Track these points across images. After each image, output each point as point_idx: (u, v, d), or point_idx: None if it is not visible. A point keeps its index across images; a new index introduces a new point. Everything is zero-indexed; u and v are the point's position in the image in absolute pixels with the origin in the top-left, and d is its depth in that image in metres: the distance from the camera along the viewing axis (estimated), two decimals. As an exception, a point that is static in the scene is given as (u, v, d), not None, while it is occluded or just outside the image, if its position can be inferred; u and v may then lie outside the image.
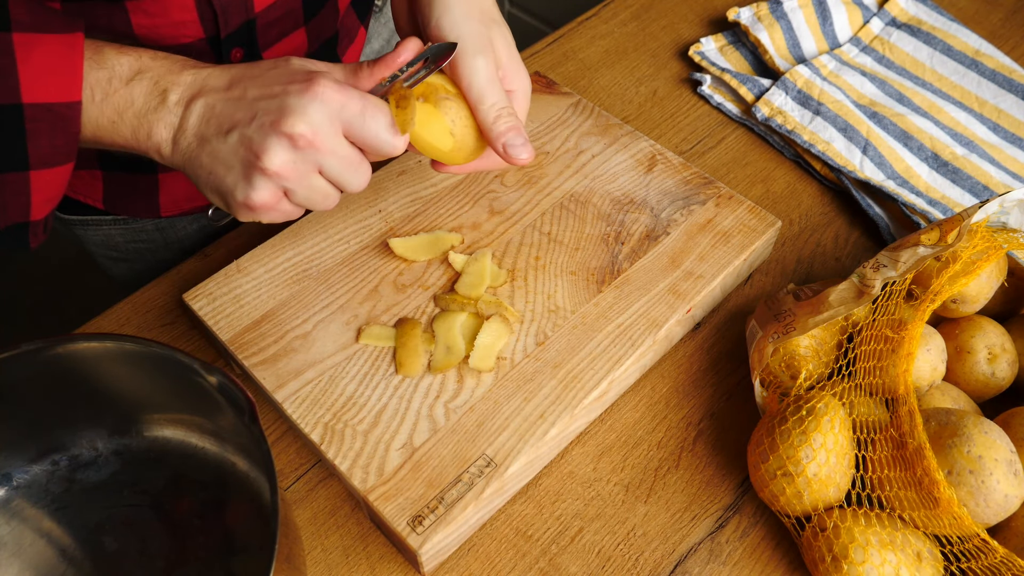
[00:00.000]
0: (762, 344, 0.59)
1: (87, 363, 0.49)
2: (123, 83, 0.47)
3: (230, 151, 0.47)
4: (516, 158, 0.53)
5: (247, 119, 0.46)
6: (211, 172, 0.48)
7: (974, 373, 0.60)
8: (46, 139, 0.46)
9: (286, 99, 0.46)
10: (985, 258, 0.57)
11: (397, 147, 0.49)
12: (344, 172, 0.48)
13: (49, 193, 0.49)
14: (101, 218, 0.73)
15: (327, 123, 0.46)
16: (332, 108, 0.46)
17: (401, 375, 0.58)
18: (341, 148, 0.48)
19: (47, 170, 0.47)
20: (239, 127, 0.47)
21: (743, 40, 0.88)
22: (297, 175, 0.47)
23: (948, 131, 0.81)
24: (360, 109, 0.47)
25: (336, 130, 0.47)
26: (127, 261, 0.79)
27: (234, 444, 0.52)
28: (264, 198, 0.48)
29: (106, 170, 0.67)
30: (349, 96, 0.47)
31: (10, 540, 0.51)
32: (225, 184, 0.48)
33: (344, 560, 0.55)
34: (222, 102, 0.47)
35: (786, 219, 0.75)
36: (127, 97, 0.47)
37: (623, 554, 0.56)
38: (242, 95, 0.47)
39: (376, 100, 0.48)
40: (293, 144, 0.46)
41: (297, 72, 0.48)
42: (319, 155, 0.47)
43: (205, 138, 0.48)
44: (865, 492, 0.53)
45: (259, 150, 0.46)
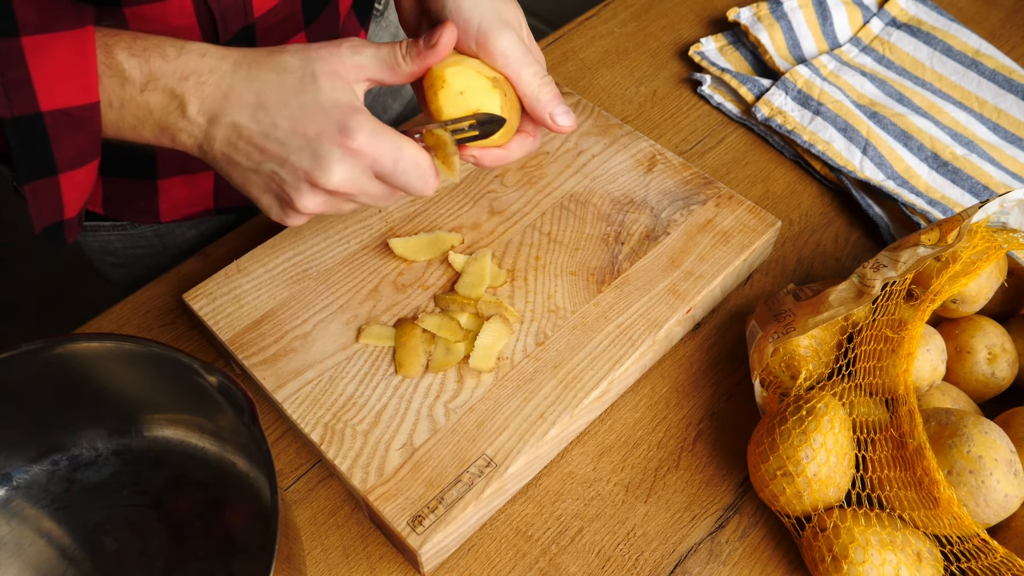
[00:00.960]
0: (762, 344, 0.59)
1: (87, 363, 0.49)
2: (137, 91, 0.47)
3: (263, 181, 0.49)
4: (563, 126, 0.53)
5: (279, 158, 0.47)
6: (244, 187, 0.50)
7: (974, 373, 0.60)
8: (69, 142, 0.46)
9: (319, 148, 0.46)
10: (985, 258, 0.57)
11: (427, 194, 0.50)
12: (375, 203, 0.51)
13: (79, 191, 0.49)
14: (100, 223, 0.73)
15: (360, 175, 0.47)
16: (365, 162, 0.47)
17: (401, 375, 0.58)
18: (374, 190, 0.49)
19: (74, 171, 0.47)
20: (271, 162, 0.47)
21: (743, 40, 0.88)
22: (329, 209, 0.50)
23: (948, 131, 0.81)
24: (392, 162, 0.47)
25: (369, 177, 0.48)
26: (126, 267, 0.78)
27: (234, 444, 0.52)
28: (298, 223, 0.51)
29: (105, 175, 0.67)
30: (383, 149, 0.47)
31: (10, 540, 0.51)
32: (260, 203, 0.50)
33: (344, 560, 0.55)
34: (250, 128, 0.47)
35: (786, 219, 0.75)
36: (144, 105, 0.47)
37: (623, 554, 0.56)
38: (272, 127, 0.47)
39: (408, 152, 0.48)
40: (326, 194, 0.48)
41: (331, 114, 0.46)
42: (351, 197, 0.49)
43: (235, 161, 0.48)
44: (865, 492, 0.53)
45: (292, 195, 0.48)
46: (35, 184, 0.46)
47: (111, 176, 0.67)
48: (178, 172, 0.67)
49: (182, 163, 0.68)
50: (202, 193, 0.70)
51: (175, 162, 0.67)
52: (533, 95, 0.52)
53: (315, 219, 0.66)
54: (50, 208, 0.48)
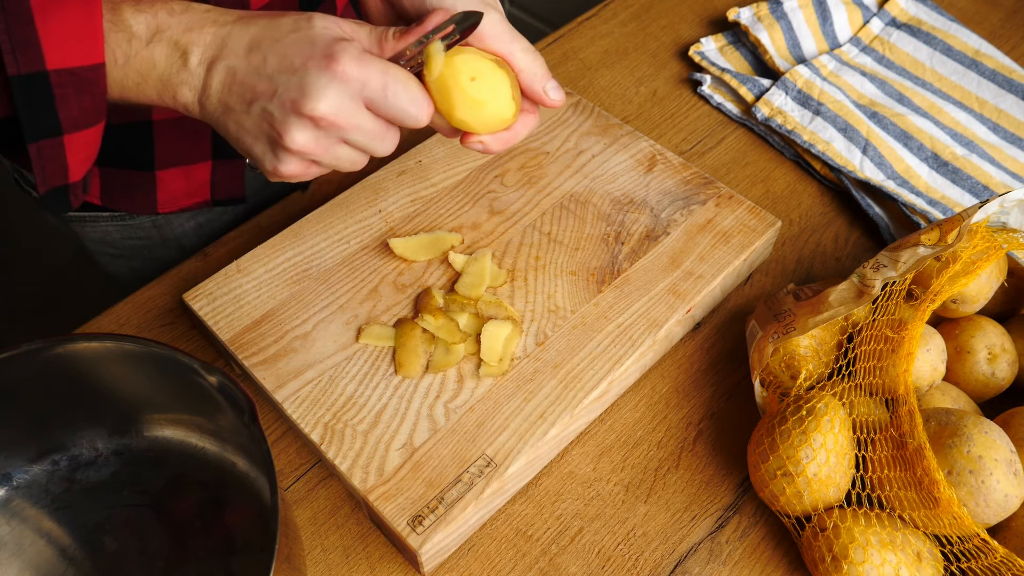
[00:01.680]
0: (762, 344, 0.59)
1: (87, 363, 0.49)
2: (143, 44, 0.46)
3: (254, 124, 0.47)
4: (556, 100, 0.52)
5: (268, 93, 0.46)
6: (238, 139, 0.49)
7: (974, 373, 0.60)
8: (74, 103, 0.46)
9: (305, 76, 0.45)
10: (985, 258, 0.57)
11: (421, 120, 0.48)
12: (370, 143, 0.48)
13: (84, 154, 0.49)
14: (98, 214, 0.73)
15: (348, 101, 0.46)
16: (353, 87, 0.46)
17: (401, 375, 0.58)
18: (365, 123, 0.47)
19: (79, 132, 0.47)
20: (260, 100, 0.46)
21: (743, 40, 0.88)
22: (321, 149, 0.47)
23: (948, 131, 0.81)
24: (381, 85, 0.46)
25: (358, 106, 0.46)
26: (124, 258, 0.79)
27: (234, 444, 0.52)
28: (291, 170, 0.48)
29: (102, 166, 0.67)
30: (370, 72, 0.46)
31: (10, 540, 0.51)
32: (253, 153, 0.49)
33: (344, 560, 0.55)
34: (243, 69, 0.46)
35: (786, 219, 0.75)
36: (148, 59, 0.47)
37: (623, 554, 0.56)
38: (262, 63, 0.46)
39: (398, 73, 0.47)
40: (314, 124, 0.46)
41: (318, 42, 0.46)
42: (342, 131, 0.47)
43: (229, 106, 0.47)
44: (865, 492, 0.53)
45: (281, 129, 0.46)
46: (40, 144, 0.46)
47: (109, 167, 0.67)
48: (176, 163, 0.68)
49: (179, 154, 0.68)
50: (199, 185, 0.70)
51: (172, 153, 0.67)
52: (529, 70, 0.52)
53: (315, 218, 0.66)
54: (55, 170, 0.48)
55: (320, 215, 0.67)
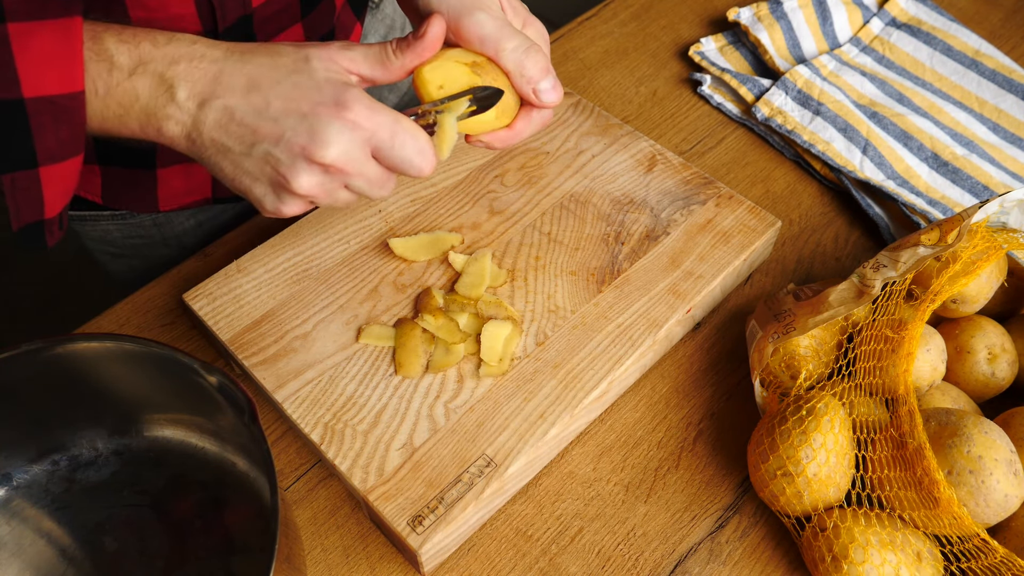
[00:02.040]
0: (762, 344, 0.59)
1: (87, 363, 0.49)
2: (125, 76, 0.45)
3: (255, 166, 0.47)
4: (547, 102, 0.51)
5: (273, 137, 0.45)
6: (235, 179, 0.48)
7: (974, 373, 0.60)
8: (51, 133, 0.45)
9: (315, 123, 0.45)
10: (985, 258, 0.57)
11: (424, 172, 0.48)
12: (371, 190, 0.49)
13: (60, 188, 0.48)
14: (99, 213, 0.73)
15: (358, 150, 0.46)
16: (363, 135, 0.46)
17: (401, 375, 0.58)
18: (370, 170, 0.47)
19: (56, 165, 0.46)
20: (264, 143, 0.46)
21: (743, 40, 0.88)
22: (324, 193, 0.48)
23: (948, 131, 0.81)
24: (390, 135, 0.46)
25: (366, 155, 0.47)
26: (125, 257, 0.79)
27: (234, 444, 0.52)
28: (292, 211, 0.49)
29: (104, 164, 0.67)
30: (380, 123, 0.46)
31: (10, 540, 0.51)
32: (252, 193, 0.48)
33: (344, 560, 0.55)
34: (242, 109, 0.46)
35: (786, 219, 0.75)
36: (131, 91, 0.46)
37: (623, 554, 0.56)
38: (265, 106, 0.45)
39: (407, 124, 0.47)
40: (323, 170, 0.46)
41: (325, 88, 0.46)
42: (348, 178, 0.47)
43: (226, 147, 0.47)
44: (865, 492, 0.53)
45: (288, 174, 0.46)
46: (15, 176, 0.45)
47: (110, 165, 0.67)
48: (177, 161, 0.68)
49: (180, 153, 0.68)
50: (200, 182, 0.71)
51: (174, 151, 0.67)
52: (516, 70, 0.50)
53: (315, 218, 0.66)
54: (29, 204, 0.47)
55: (320, 215, 0.67)
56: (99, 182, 0.69)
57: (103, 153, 0.67)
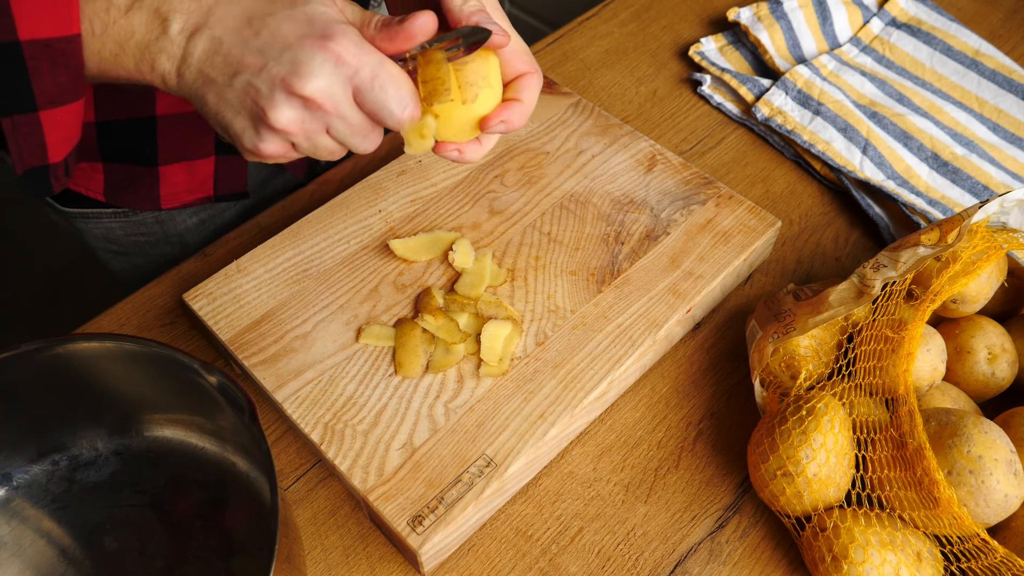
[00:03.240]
0: (762, 344, 0.59)
1: (87, 363, 0.49)
2: (121, 12, 0.45)
3: (236, 97, 0.46)
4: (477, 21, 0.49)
5: (255, 66, 0.44)
6: (217, 112, 0.47)
7: (974, 373, 0.60)
8: (49, 77, 0.44)
9: (299, 53, 0.44)
10: (985, 258, 0.57)
11: (402, 124, 0.47)
12: (351, 137, 0.47)
13: (63, 133, 0.47)
14: (101, 211, 0.73)
15: (339, 87, 0.45)
16: (346, 72, 0.44)
17: (400, 375, 0.58)
18: (351, 114, 0.46)
19: (56, 109, 0.46)
20: (246, 73, 0.45)
21: (743, 40, 0.88)
22: (304, 133, 0.46)
23: (948, 131, 0.81)
24: (371, 75, 0.45)
25: (347, 95, 0.45)
26: (127, 255, 0.79)
27: (234, 444, 0.52)
28: (271, 150, 0.47)
29: (107, 162, 0.67)
30: (365, 60, 0.44)
31: (10, 540, 0.51)
32: (232, 128, 0.47)
33: (344, 560, 0.55)
34: (230, 39, 0.45)
35: (786, 219, 0.75)
36: (127, 28, 0.45)
37: (623, 554, 0.56)
38: (252, 36, 0.45)
39: (392, 69, 0.45)
40: (302, 103, 0.45)
41: (315, 21, 0.45)
42: (327, 117, 0.46)
43: (210, 78, 0.46)
44: (865, 492, 0.53)
45: (266, 105, 0.45)
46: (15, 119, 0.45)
47: (112, 162, 0.67)
48: (179, 159, 0.68)
49: (183, 150, 0.68)
50: (202, 180, 0.71)
51: (176, 149, 0.67)
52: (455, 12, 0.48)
53: (315, 218, 0.66)
54: (31, 148, 0.47)
55: (320, 215, 0.67)
56: (101, 179, 0.69)
57: (105, 150, 0.67)
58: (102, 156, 0.67)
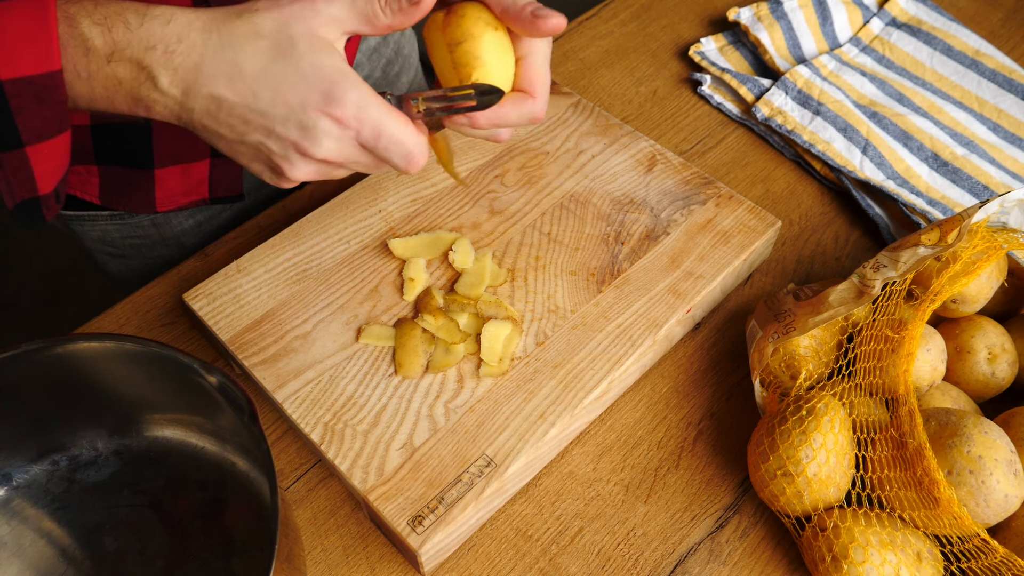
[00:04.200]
0: (762, 344, 0.59)
1: (87, 363, 0.49)
2: (104, 61, 0.45)
3: (250, 151, 0.48)
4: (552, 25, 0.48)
5: (264, 129, 0.46)
6: (232, 155, 0.49)
7: (974, 373, 0.60)
8: (33, 113, 0.44)
9: (304, 119, 0.46)
10: (985, 258, 0.57)
11: (410, 171, 0.49)
12: (367, 171, 0.50)
13: (51, 165, 0.48)
14: (97, 213, 0.73)
15: (348, 146, 0.47)
16: (350, 133, 0.46)
17: (400, 375, 0.58)
18: (363, 159, 0.48)
19: (42, 144, 0.46)
20: (256, 134, 0.47)
21: (743, 40, 0.88)
22: (321, 176, 0.49)
23: (948, 131, 0.81)
24: (373, 137, 0.47)
25: (356, 148, 0.48)
26: (124, 257, 0.79)
27: (234, 444, 0.52)
28: (288, 186, 0.50)
29: (102, 165, 0.67)
30: (365, 120, 0.46)
31: (10, 540, 0.51)
32: (251, 169, 0.50)
33: (344, 560, 0.55)
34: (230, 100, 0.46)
35: (786, 219, 0.75)
36: (112, 77, 0.45)
37: (623, 554, 0.56)
38: (252, 97, 0.46)
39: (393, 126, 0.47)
40: (316, 162, 0.48)
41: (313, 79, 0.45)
42: (342, 167, 0.49)
43: (218, 134, 0.47)
44: (865, 492, 0.53)
45: (283, 165, 0.48)
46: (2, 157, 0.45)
47: (108, 166, 0.67)
48: (174, 162, 0.68)
49: (178, 153, 0.68)
50: (197, 182, 0.70)
51: (171, 151, 0.67)
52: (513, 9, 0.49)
53: (315, 218, 0.66)
54: (21, 183, 0.47)
55: (320, 215, 0.67)
56: (97, 183, 0.69)
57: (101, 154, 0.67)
58: (97, 159, 0.67)
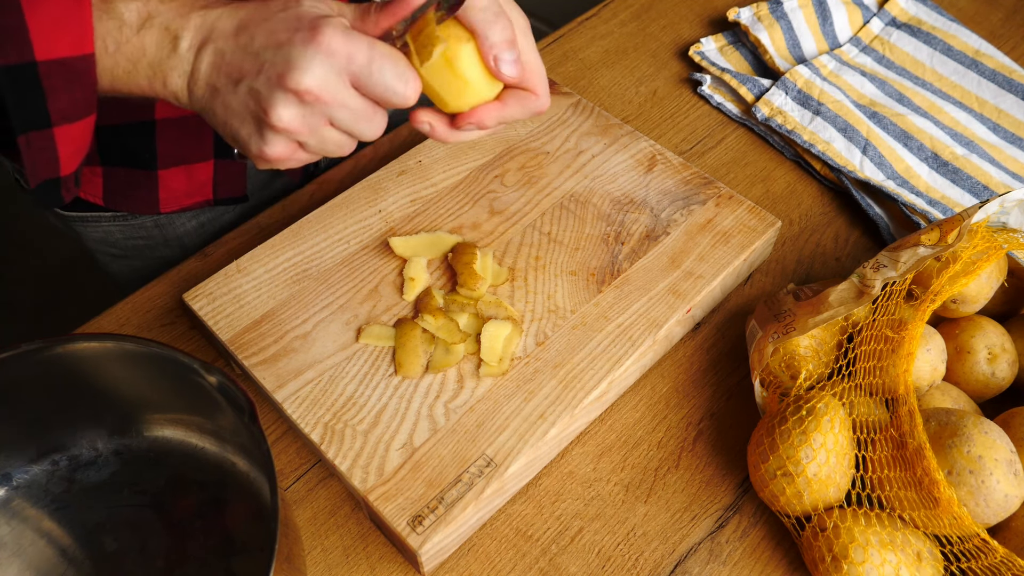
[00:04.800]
0: (762, 344, 0.59)
1: (87, 363, 0.49)
2: (134, 31, 0.46)
3: (240, 103, 0.47)
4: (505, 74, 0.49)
5: (254, 70, 0.45)
6: (225, 122, 0.48)
7: (974, 373, 0.60)
8: (64, 94, 0.45)
9: (291, 50, 0.45)
10: (985, 258, 0.57)
11: (408, 98, 0.47)
12: (356, 123, 0.47)
13: (75, 146, 0.48)
14: (100, 214, 0.73)
15: (334, 76, 0.45)
16: (338, 60, 0.45)
17: (400, 375, 0.58)
18: (351, 100, 0.46)
19: (70, 125, 0.47)
20: (247, 78, 0.46)
21: (743, 40, 0.88)
22: (307, 129, 0.46)
23: (948, 131, 0.81)
24: (367, 60, 0.45)
25: (344, 83, 0.46)
26: (126, 258, 0.79)
27: (234, 444, 0.52)
28: (277, 152, 0.47)
29: (106, 166, 0.67)
30: (356, 46, 0.45)
31: (10, 540, 0.51)
32: (240, 136, 0.48)
33: (344, 560, 0.55)
34: (231, 49, 0.46)
35: (786, 219, 0.75)
36: (139, 46, 0.46)
37: (623, 554, 0.56)
38: (249, 42, 0.46)
39: (384, 49, 0.46)
40: (299, 99, 0.45)
41: (304, 18, 0.46)
42: (328, 108, 0.46)
43: (216, 88, 0.47)
44: (865, 492, 0.53)
45: (267, 106, 0.45)
46: (29, 136, 0.46)
47: (112, 166, 0.67)
48: (178, 163, 0.68)
49: (182, 154, 0.68)
50: (201, 184, 0.71)
51: (175, 152, 0.67)
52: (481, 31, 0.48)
53: (315, 218, 0.66)
54: (45, 163, 0.47)
55: (320, 215, 0.67)
56: (100, 183, 0.69)
57: (105, 154, 0.67)
58: (101, 160, 0.67)
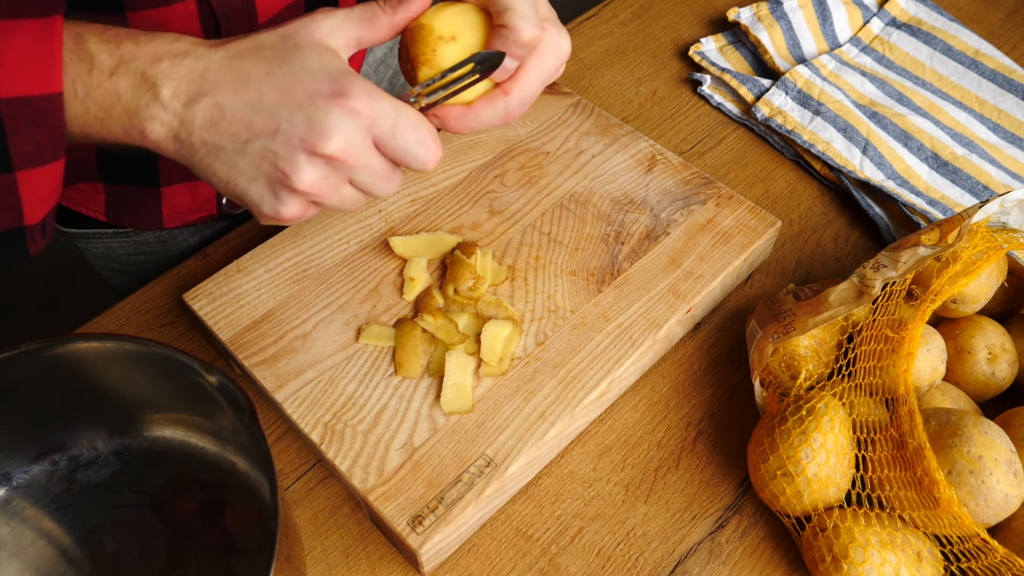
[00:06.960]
0: (762, 344, 0.59)
1: (87, 363, 0.49)
2: (106, 76, 0.42)
3: (251, 164, 0.44)
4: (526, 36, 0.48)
5: (269, 131, 0.43)
6: (229, 181, 0.45)
7: (974, 373, 0.60)
8: (27, 136, 0.42)
9: (314, 112, 0.43)
10: (985, 258, 0.57)
11: (427, 164, 0.46)
12: (375, 184, 0.46)
13: (41, 194, 0.45)
14: (102, 231, 0.73)
15: (360, 139, 0.44)
16: (363, 121, 0.43)
17: (400, 376, 0.58)
18: (373, 162, 0.45)
19: (34, 170, 0.43)
20: (260, 138, 0.43)
21: (743, 40, 0.88)
22: (328, 189, 0.45)
23: (948, 131, 0.81)
24: (391, 125, 0.44)
25: (368, 144, 0.44)
26: (128, 273, 0.78)
27: (234, 444, 0.52)
28: (292, 213, 0.46)
29: (108, 182, 0.67)
30: (380, 110, 0.44)
31: (10, 540, 0.51)
32: (248, 195, 0.45)
33: (344, 560, 0.55)
34: (235, 106, 0.43)
35: (786, 219, 0.75)
36: (111, 91, 0.43)
37: (623, 554, 0.56)
38: (258, 99, 0.43)
39: (409, 113, 0.45)
40: (325, 162, 0.44)
41: (319, 75, 0.44)
42: (351, 170, 0.45)
43: (218, 146, 0.44)
44: (865, 492, 0.53)
45: (288, 169, 0.43)
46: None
47: (114, 183, 0.67)
48: (181, 179, 0.67)
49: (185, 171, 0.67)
50: (204, 199, 0.70)
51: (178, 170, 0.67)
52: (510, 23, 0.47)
53: (315, 218, 0.66)
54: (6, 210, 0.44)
55: (320, 215, 0.67)
56: (103, 200, 0.68)
57: (107, 171, 0.66)
58: (103, 177, 0.66)
